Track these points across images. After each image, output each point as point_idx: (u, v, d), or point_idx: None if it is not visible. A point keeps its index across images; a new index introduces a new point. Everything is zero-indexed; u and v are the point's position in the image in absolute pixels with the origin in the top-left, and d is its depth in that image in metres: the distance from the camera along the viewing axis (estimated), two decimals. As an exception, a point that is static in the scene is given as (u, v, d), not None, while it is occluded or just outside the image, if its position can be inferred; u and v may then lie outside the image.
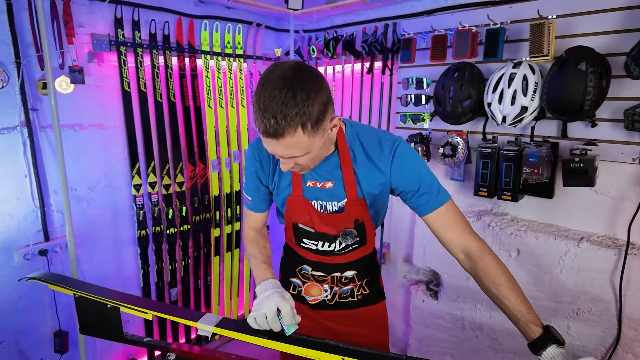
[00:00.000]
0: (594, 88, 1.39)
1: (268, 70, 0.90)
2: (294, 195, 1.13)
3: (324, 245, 1.19)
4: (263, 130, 0.89)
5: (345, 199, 1.11)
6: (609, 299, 1.54)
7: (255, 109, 0.89)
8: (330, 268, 1.24)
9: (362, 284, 1.27)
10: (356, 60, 2.32)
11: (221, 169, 2.41)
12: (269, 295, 0.97)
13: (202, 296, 2.45)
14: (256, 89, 0.89)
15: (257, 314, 0.94)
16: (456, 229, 1.05)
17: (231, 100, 2.40)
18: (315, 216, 1.13)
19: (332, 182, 1.10)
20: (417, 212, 1.10)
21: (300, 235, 1.20)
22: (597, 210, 1.60)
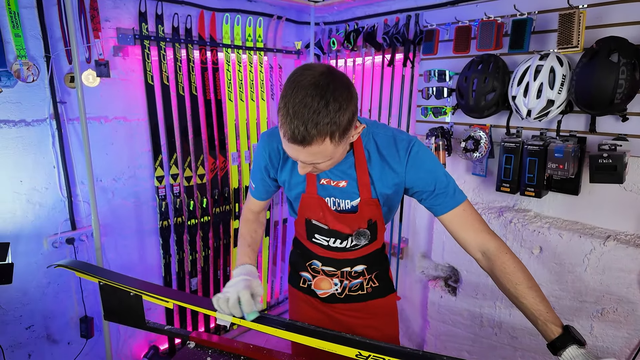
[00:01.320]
0: (626, 81, 1.34)
1: (298, 74, 0.87)
2: (309, 193, 1.12)
3: (335, 242, 1.19)
4: (290, 136, 0.86)
5: (359, 198, 1.11)
6: (636, 299, 1.49)
7: (282, 113, 0.85)
8: (340, 263, 1.24)
9: (372, 277, 1.28)
10: (377, 52, 2.29)
11: (241, 162, 2.44)
12: (237, 282, 1.03)
13: (221, 286, 2.50)
14: (284, 92, 0.86)
15: (221, 296, 0.99)
16: (472, 228, 1.04)
17: (251, 94, 2.41)
18: (328, 214, 1.13)
19: (345, 182, 1.10)
20: (433, 212, 1.10)
21: (312, 231, 1.20)
22: (625, 208, 1.54)
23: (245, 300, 0.99)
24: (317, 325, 0.99)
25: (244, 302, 0.98)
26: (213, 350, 1.08)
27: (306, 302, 1.33)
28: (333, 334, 0.94)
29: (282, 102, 0.86)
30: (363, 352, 0.88)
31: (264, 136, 1.18)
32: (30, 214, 1.82)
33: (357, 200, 1.12)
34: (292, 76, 0.88)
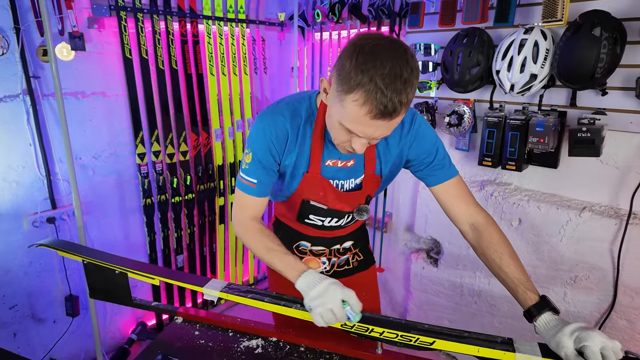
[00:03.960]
0: (607, 55, 1.35)
1: (370, 45, 0.78)
2: (312, 173, 1.07)
3: (331, 222, 1.18)
4: (378, 112, 0.79)
5: (363, 175, 1.11)
6: (606, 267, 1.56)
7: (366, 89, 0.77)
8: (331, 241, 1.25)
9: (357, 251, 1.31)
10: (362, 25, 2.25)
11: (224, 138, 2.40)
12: (327, 286, 0.87)
13: (207, 263, 2.51)
14: (361, 66, 0.77)
15: (322, 309, 0.84)
16: (463, 200, 1.08)
17: (234, 68, 2.35)
18: (331, 194, 1.10)
19: (353, 160, 1.08)
20: (428, 182, 1.11)
21: (307, 212, 1.16)
22: (601, 181, 1.59)
23: (354, 301, 0.87)
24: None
25: (354, 304, 0.86)
26: (201, 325, 1.10)
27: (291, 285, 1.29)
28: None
29: (362, 78, 0.77)
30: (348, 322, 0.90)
31: (265, 119, 1.02)
32: (7, 192, 1.77)
33: (360, 178, 1.11)
34: (362, 48, 0.79)
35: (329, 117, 0.92)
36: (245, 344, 1.03)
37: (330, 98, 0.87)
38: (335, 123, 0.88)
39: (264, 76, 2.56)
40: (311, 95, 1.06)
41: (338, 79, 0.82)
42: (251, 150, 1.03)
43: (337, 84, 0.82)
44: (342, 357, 0.99)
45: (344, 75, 0.80)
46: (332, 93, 0.85)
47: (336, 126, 0.89)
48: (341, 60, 0.81)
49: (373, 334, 0.89)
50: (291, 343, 1.04)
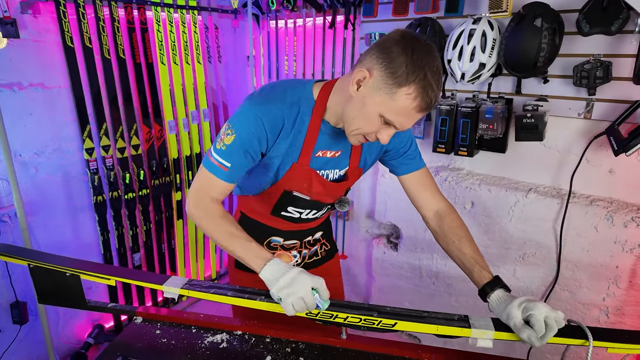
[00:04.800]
0: (548, 44, 1.44)
1: (420, 42, 0.84)
2: (301, 164, 1.03)
3: (309, 214, 1.17)
4: (425, 105, 0.85)
5: (347, 167, 1.12)
6: (550, 244, 1.68)
7: (421, 84, 0.82)
8: (304, 234, 1.25)
9: (324, 241, 1.33)
10: (317, 13, 2.24)
11: (179, 130, 2.32)
12: (296, 275, 0.86)
13: (166, 260, 2.44)
14: (416, 62, 0.81)
15: (294, 298, 0.84)
16: (430, 189, 1.14)
17: (186, 57, 2.26)
18: (316, 184, 1.09)
19: (340, 151, 1.08)
20: (400, 170, 1.15)
21: (287, 204, 1.12)
22: (544, 163, 1.71)
23: (323, 288, 0.87)
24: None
25: (323, 291, 0.87)
26: (162, 324, 1.07)
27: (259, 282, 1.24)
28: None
29: (418, 73, 0.81)
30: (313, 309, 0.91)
31: (260, 104, 0.96)
32: (-63, 195, 1.62)
33: (345, 169, 1.12)
34: (415, 44, 0.83)
35: (362, 107, 0.90)
36: (210, 340, 1.02)
37: (371, 89, 0.87)
38: (373, 113, 0.88)
39: (218, 65, 2.49)
40: (306, 84, 1.03)
41: (387, 72, 0.84)
42: (236, 132, 0.95)
43: (386, 76, 0.84)
44: (308, 345, 1.01)
45: (396, 69, 0.82)
46: (376, 85, 0.86)
47: (373, 116, 0.89)
48: (388, 54, 0.84)
49: (337, 319, 0.91)
50: (256, 335, 1.04)
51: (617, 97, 1.46)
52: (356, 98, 0.90)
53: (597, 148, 1.54)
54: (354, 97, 0.90)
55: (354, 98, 0.91)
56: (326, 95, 0.99)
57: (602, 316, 1.62)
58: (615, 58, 1.42)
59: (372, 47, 0.89)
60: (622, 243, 1.51)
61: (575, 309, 1.67)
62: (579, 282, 1.64)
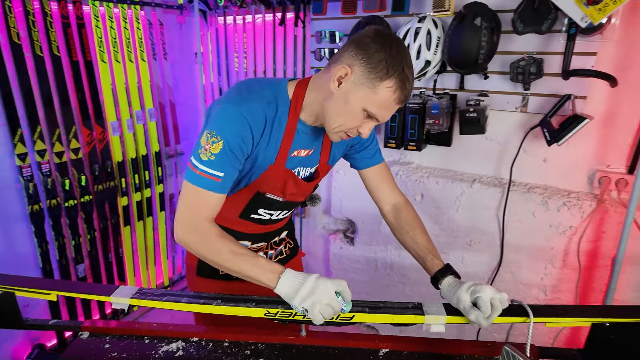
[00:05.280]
0: (487, 42, 1.52)
1: (395, 37, 0.90)
2: (277, 164, 1.01)
3: (279, 214, 1.16)
4: (404, 97, 0.89)
5: (317, 164, 1.12)
6: (494, 230, 1.79)
7: (399, 78, 0.86)
8: (271, 235, 1.23)
9: (289, 240, 1.33)
10: (267, 10, 2.21)
11: (123, 131, 2.20)
12: (316, 282, 0.85)
13: (114, 269, 2.31)
14: (395, 57, 0.86)
15: (321, 306, 0.83)
16: (389, 183, 1.18)
17: (129, 54, 2.15)
18: (291, 185, 1.07)
19: (313, 149, 1.07)
20: (361, 164, 1.17)
21: (258, 206, 1.10)
22: (487, 155, 1.81)
23: (347, 290, 0.88)
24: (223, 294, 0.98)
25: (347, 293, 0.87)
26: (112, 336, 1.01)
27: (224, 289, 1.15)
28: (241, 298, 0.95)
29: (397, 66, 0.86)
30: (271, 310, 0.91)
31: (241, 103, 0.92)
32: None
33: (315, 167, 1.12)
34: (392, 39, 0.88)
35: (345, 103, 0.91)
36: (164, 349, 0.98)
37: (353, 85, 0.89)
38: (356, 108, 0.90)
39: (164, 62, 2.39)
40: (281, 82, 1.00)
41: (369, 67, 0.86)
42: (223, 137, 0.89)
43: (368, 71, 0.87)
44: (268, 345, 1.00)
45: (376, 64, 0.86)
46: (358, 80, 0.88)
47: (356, 111, 0.91)
48: (367, 50, 0.87)
49: (296, 317, 0.91)
50: (214, 340, 1.01)
51: (549, 91, 1.58)
52: (337, 94, 0.91)
53: (533, 139, 1.66)
54: (335, 93, 0.91)
55: (335, 95, 0.91)
56: (301, 94, 0.98)
57: (540, 294, 1.75)
58: (546, 55, 1.53)
59: (348, 45, 0.91)
60: (556, 226, 1.64)
61: (517, 289, 1.79)
62: (519, 264, 1.77)
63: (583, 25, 1.34)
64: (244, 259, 0.89)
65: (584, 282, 1.65)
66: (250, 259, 0.89)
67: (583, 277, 1.64)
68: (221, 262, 0.91)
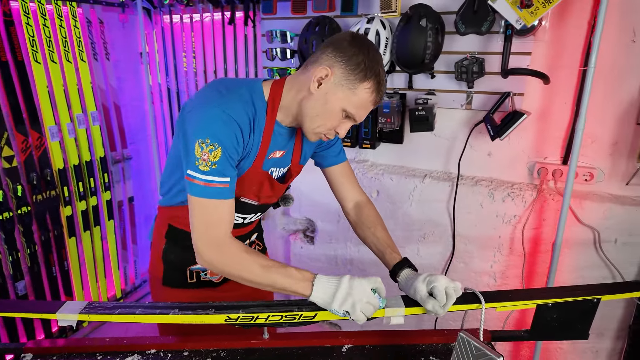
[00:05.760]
0: (433, 43, 1.59)
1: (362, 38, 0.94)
2: (255, 167, 1.00)
3: (252, 217, 1.15)
4: (379, 99, 0.94)
5: (289, 164, 1.12)
6: (446, 222, 1.88)
7: (376, 80, 0.90)
8: (242, 238, 1.21)
9: (258, 242, 1.32)
10: (215, 9, 2.16)
11: (63, 136, 2.06)
12: (350, 283, 0.87)
13: (59, 284, 2.15)
14: (372, 60, 0.90)
15: (361, 305, 0.85)
16: (352, 181, 1.21)
17: (66, 54, 2.01)
18: (267, 187, 1.06)
19: (286, 150, 1.07)
20: (327, 162, 1.18)
21: None
22: (436, 151, 1.89)
23: (382, 286, 0.90)
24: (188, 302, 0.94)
25: (382, 288, 0.90)
26: (59, 356, 0.94)
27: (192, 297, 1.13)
28: (200, 305, 0.92)
29: (375, 69, 0.90)
30: (231, 315, 0.89)
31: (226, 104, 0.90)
32: None
33: (287, 167, 1.12)
34: (369, 43, 0.92)
35: (325, 103, 0.92)
36: (119, 364, 0.93)
37: (333, 86, 0.91)
38: (336, 109, 0.93)
39: (106, 63, 2.26)
40: (255, 82, 0.98)
41: (349, 69, 0.90)
42: (220, 143, 0.87)
43: (348, 73, 0.90)
44: (230, 352, 0.98)
45: (356, 66, 0.89)
46: (338, 81, 0.91)
47: (335, 111, 0.93)
48: (346, 52, 0.90)
49: (259, 320, 0.90)
50: (173, 350, 0.98)
51: (491, 89, 1.67)
52: (317, 95, 0.92)
53: (478, 135, 1.75)
54: (315, 94, 0.92)
55: (314, 95, 0.92)
56: (278, 95, 0.98)
57: (491, 281, 1.86)
58: (487, 55, 1.63)
59: (326, 47, 0.93)
60: (502, 216, 1.75)
61: (469, 277, 1.89)
62: (470, 253, 1.86)
63: (518, 27, 1.43)
64: (275, 272, 0.89)
65: (528, 267, 1.77)
66: (280, 271, 0.90)
67: (528, 262, 1.76)
68: (252, 278, 0.90)
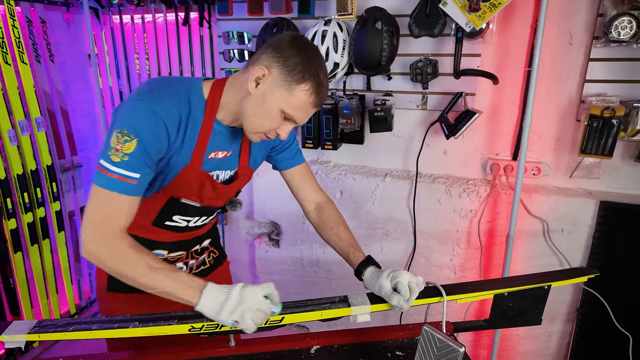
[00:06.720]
0: (388, 45, 1.63)
1: (309, 42, 0.93)
2: (192, 167, 0.96)
3: (197, 221, 1.11)
4: (319, 102, 0.92)
5: (237, 167, 1.09)
6: (407, 219, 1.93)
7: (314, 82, 0.89)
8: (190, 243, 1.17)
9: (212, 248, 1.28)
10: (169, 9, 2.09)
11: (4, 144, 1.91)
12: (241, 291, 0.82)
13: (4, 303, 2.00)
14: (309, 60, 0.88)
15: (251, 314, 0.81)
16: (311, 183, 1.20)
17: (4, 56, 1.87)
18: (208, 189, 1.02)
19: (231, 151, 1.04)
20: (283, 165, 1.17)
21: (172, 212, 1.04)
22: (395, 150, 1.94)
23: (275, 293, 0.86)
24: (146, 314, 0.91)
25: (275, 295, 0.86)
26: (7, 381, 0.88)
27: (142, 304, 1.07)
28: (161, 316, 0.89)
29: (313, 70, 0.88)
30: (195, 324, 0.87)
31: (154, 98, 0.87)
32: None
33: (235, 170, 1.09)
34: (305, 44, 0.91)
35: (262, 104, 0.91)
36: (75, 384, 0.88)
37: (271, 86, 0.89)
38: (274, 109, 0.91)
39: (50, 65, 2.13)
40: (195, 81, 0.96)
41: (286, 70, 0.88)
42: (136, 135, 0.83)
43: (285, 74, 0.88)
44: (196, 361, 0.95)
45: (293, 67, 0.88)
46: (275, 82, 0.89)
47: (273, 112, 0.91)
48: (284, 53, 0.89)
49: (224, 328, 0.88)
50: (134, 365, 0.94)
51: (444, 89, 1.74)
52: (255, 95, 0.91)
53: (434, 134, 1.82)
54: (253, 94, 0.91)
55: (252, 95, 0.91)
56: (218, 94, 0.96)
57: (451, 274, 1.93)
58: (440, 57, 1.69)
59: (266, 47, 0.92)
60: (459, 211, 1.83)
61: (431, 272, 1.96)
62: (431, 248, 1.93)
63: (467, 30, 1.50)
64: (162, 274, 0.83)
65: (485, 259, 1.86)
66: (170, 274, 0.83)
67: (484, 254, 1.84)
68: (137, 278, 0.83)
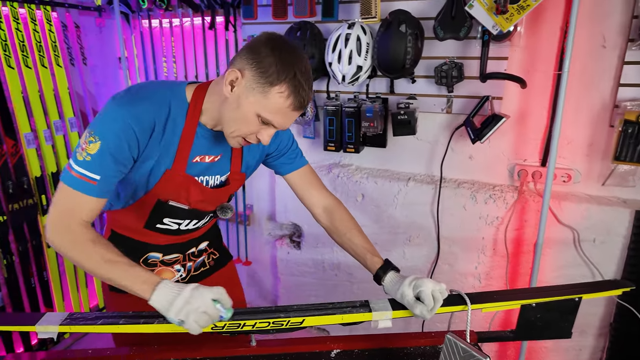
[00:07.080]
0: (413, 48, 1.61)
1: (288, 42, 0.88)
2: (176, 170, 0.97)
3: (189, 224, 1.11)
4: (298, 105, 0.87)
5: (228, 172, 1.08)
6: (430, 225, 1.90)
7: (291, 84, 0.85)
8: (186, 246, 1.18)
9: (212, 250, 1.28)
10: (195, 14, 2.14)
11: (40, 144, 2.00)
12: (191, 292, 0.80)
13: (39, 295, 2.09)
14: (285, 60, 0.84)
15: (195, 315, 0.79)
16: (316, 186, 1.18)
17: (41, 59, 1.96)
18: (195, 192, 1.03)
19: (220, 155, 1.04)
20: (283, 170, 1.16)
21: (162, 215, 1.05)
22: (419, 154, 1.92)
23: (225, 297, 0.83)
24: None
25: (225, 299, 0.83)
26: (39, 371, 0.92)
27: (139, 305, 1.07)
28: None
29: (288, 72, 0.84)
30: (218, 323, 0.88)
31: (126, 104, 0.89)
32: None
33: (226, 175, 1.08)
34: (281, 44, 0.87)
35: (237, 108, 0.89)
36: (103, 378, 0.91)
37: (245, 89, 0.87)
38: (249, 113, 0.88)
39: (83, 68, 2.22)
40: (178, 85, 0.97)
41: (259, 72, 0.85)
42: (101, 138, 0.85)
43: (258, 76, 0.85)
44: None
45: (266, 69, 0.85)
46: (249, 85, 0.87)
47: (249, 116, 0.89)
48: (257, 54, 0.86)
49: (246, 328, 0.89)
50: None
51: (470, 93, 1.71)
52: (231, 99, 0.90)
53: (459, 138, 1.79)
54: (229, 98, 0.90)
55: (228, 99, 0.90)
56: (201, 97, 0.96)
57: (476, 282, 1.89)
58: (465, 60, 1.66)
59: (242, 49, 0.91)
60: (485, 217, 1.79)
61: (454, 279, 1.92)
62: (455, 255, 1.89)
63: (494, 33, 1.47)
64: (117, 268, 0.84)
65: (512, 268, 1.81)
66: (123, 268, 0.84)
67: (511, 263, 1.79)
68: (94, 270, 0.86)
